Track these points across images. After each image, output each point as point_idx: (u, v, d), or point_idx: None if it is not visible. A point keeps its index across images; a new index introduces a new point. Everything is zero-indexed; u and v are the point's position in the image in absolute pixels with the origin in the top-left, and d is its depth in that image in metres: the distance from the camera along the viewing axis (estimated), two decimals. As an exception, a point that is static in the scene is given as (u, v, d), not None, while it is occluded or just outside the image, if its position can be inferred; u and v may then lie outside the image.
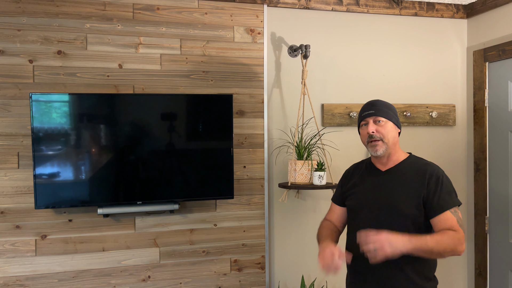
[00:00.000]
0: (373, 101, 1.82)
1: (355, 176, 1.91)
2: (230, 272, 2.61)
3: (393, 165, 1.81)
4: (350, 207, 1.88)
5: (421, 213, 1.70)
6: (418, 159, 1.82)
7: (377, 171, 1.83)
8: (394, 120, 1.78)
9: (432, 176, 1.71)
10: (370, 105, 1.80)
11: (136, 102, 2.34)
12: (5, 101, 2.29)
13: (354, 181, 1.89)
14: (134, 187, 2.34)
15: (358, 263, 1.75)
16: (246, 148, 2.62)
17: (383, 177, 1.80)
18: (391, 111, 1.79)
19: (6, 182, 2.30)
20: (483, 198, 2.88)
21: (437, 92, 2.97)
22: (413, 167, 1.77)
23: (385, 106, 1.79)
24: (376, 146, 1.75)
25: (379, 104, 1.79)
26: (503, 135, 2.74)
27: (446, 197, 1.68)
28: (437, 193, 1.68)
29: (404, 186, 1.74)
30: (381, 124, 1.75)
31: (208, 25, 2.55)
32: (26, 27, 2.31)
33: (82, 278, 2.40)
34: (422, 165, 1.76)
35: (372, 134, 1.74)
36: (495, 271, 2.82)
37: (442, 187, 1.70)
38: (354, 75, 2.82)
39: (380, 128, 1.75)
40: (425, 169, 1.73)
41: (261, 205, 2.64)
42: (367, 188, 1.83)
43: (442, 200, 1.68)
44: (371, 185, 1.82)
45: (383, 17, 2.86)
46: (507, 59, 2.69)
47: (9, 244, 2.31)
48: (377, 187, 1.80)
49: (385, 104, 1.80)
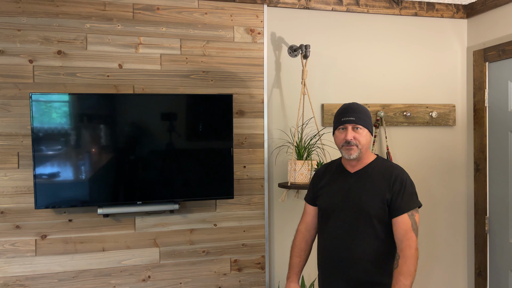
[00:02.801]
0: (353, 107, 1.87)
1: (326, 177, 1.99)
2: (230, 272, 2.61)
3: (361, 167, 1.90)
4: (320, 208, 1.98)
5: (385, 213, 1.81)
6: (384, 161, 1.92)
7: (346, 172, 1.92)
8: (369, 127, 1.87)
9: (397, 179, 1.82)
10: (351, 111, 1.86)
11: (136, 102, 2.34)
12: (5, 101, 2.29)
13: (325, 181, 1.98)
14: (134, 187, 2.34)
15: (327, 262, 1.92)
16: (246, 148, 2.62)
17: (352, 179, 1.89)
18: (368, 118, 1.87)
19: (6, 182, 2.30)
20: (483, 198, 2.88)
21: (437, 92, 2.97)
22: (379, 169, 1.87)
23: (364, 113, 1.86)
24: (350, 150, 1.84)
25: (358, 111, 1.86)
26: (503, 135, 2.74)
27: (406, 199, 1.79)
28: (400, 196, 1.79)
29: (371, 188, 1.84)
30: (359, 132, 1.84)
31: (208, 25, 2.55)
32: (26, 27, 2.31)
33: (82, 278, 2.40)
34: (388, 167, 1.87)
35: (350, 140, 1.83)
36: (495, 271, 2.82)
37: (405, 190, 1.80)
38: (354, 75, 2.82)
39: (358, 135, 1.84)
40: (390, 172, 1.84)
41: (261, 205, 2.65)
42: (336, 189, 1.92)
43: (403, 202, 1.79)
44: (340, 187, 1.91)
45: (383, 17, 2.86)
46: (507, 59, 2.69)
47: (9, 244, 2.31)
48: (345, 189, 1.89)
49: (363, 111, 1.87)
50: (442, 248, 3.01)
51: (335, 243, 1.89)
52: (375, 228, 1.82)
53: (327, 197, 1.94)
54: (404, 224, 1.77)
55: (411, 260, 1.73)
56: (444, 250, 3.01)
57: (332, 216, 1.91)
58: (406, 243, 1.75)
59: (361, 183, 1.87)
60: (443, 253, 3.01)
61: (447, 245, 3.01)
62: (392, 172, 1.84)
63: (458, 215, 3.04)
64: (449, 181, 3.01)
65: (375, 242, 1.82)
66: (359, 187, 1.87)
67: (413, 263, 1.73)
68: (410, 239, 1.75)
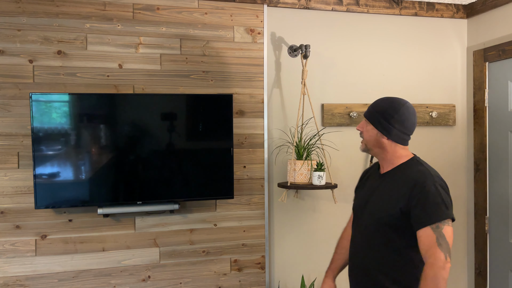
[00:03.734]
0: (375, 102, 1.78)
1: (365, 177, 1.93)
2: (230, 272, 2.61)
3: (390, 168, 1.75)
4: (352, 209, 1.91)
5: (401, 222, 1.63)
6: (415, 164, 1.71)
7: (378, 174, 1.81)
8: (376, 124, 1.72)
9: (416, 186, 1.60)
10: (371, 105, 1.78)
11: (136, 102, 2.34)
12: (5, 101, 2.29)
13: (363, 181, 1.93)
14: (134, 187, 2.34)
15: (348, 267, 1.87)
16: (246, 148, 2.62)
17: (380, 181, 1.77)
18: (379, 114, 1.71)
19: (6, 182, 2.30)
20: (483, 198, 2.88)
21: (437, 92, 2.97)
22: (405, 172, 1.68)
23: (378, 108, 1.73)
24: (361, 143, 1.82)
25: (374, 105, 1.75)
26: (503, 135, 2.74)
27: (429, 210, 1.55)
28: (419, 205, 1.57)
29: (389, 193, 1.69)
30: (366, 127, 1.76)
31: (208, 25, 2.55)
32: (26, 27, 2.31)
33: (82, 278, 2.40)
34: (415, 172, 1.66)
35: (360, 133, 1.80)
36: (495, 271, 2.82)
37: (426, 199, 1.56)
38: (354, 75, 2.82)
39: (363, 130, 1.77)
40: (413, 177, 1.63)
41: (261, 205, 2.65)
42: (365, 191, 1.84)
43: (423, 213, 1.56)
44: (368, 189, 1.82)
45: (383, 17, 2.86)
46: (507, 59, 2.69)
47: (9, 244, 2.31)
48: (371, 192, 1.79)
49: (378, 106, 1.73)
50: (442, 248, 3.01)
51: (353, 249, 1.82)
52: (389, 238, 1.65)
53: (355, 199, 1.89)
54: (426, 239, 1.54)
55: (432, 281, 1.49)
56: (444, 250, 3.00)
57: (355, 220, 1.84)
58: (428, 261, 1.52)
59: (386, 186, 1.72)
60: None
61: (447, 245, 3.01)
62: (414, 177, 1.63)
63: (458, 215, 3.03)
64: (449, 181, 2.97)
65: (390, 253, 1.66)
66: (381, 191, 1.73)
67: (433, 284, 1.48)
68: (432, 256, 1.51)
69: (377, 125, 1.71)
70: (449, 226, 1.55)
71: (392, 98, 1.73)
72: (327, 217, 2.80)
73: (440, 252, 1.51)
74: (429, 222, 1.54)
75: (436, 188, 1.58)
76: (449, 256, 1.52)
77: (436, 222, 1.54)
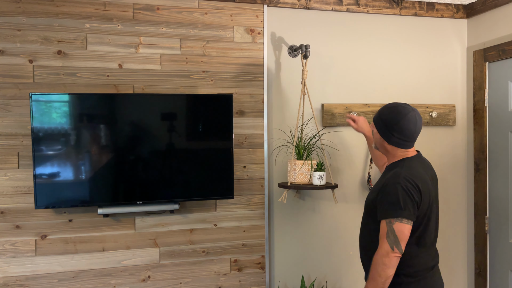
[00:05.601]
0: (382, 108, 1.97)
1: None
2: (230, 272, 2.61)
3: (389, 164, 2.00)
4: None
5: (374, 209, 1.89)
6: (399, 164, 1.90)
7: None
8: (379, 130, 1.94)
9: (384, 184, 1.85)
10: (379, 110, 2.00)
11: (136, 102, 2.34)
12: (5, 101, 2.29)
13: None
14: (134, 187, 2.34)
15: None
16: (246, 148, 2.62)
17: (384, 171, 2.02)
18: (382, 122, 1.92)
19: (6, 182, 2.30)
20: (483, 198, 2.88)
21: (437, 92, 2.97)
22: (391, 169, 1.91)
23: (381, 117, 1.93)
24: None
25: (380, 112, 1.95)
26: (503, 135, 2.74)
27: (386, 207, 1.80)
28: (380, 201, 1.83)
29: (377, 184, 1.96)
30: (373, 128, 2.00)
31: (208, 25, 2.55)
32: (26, 27, 2.31)
33: (82, 278, 2.40)
34: (392, 172, 1.87)
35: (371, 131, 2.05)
36: (495, 271, 2.82)
37: (384, 197, 1.82)
38: (354, 75, 2.82)
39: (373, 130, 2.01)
40: (388, 176, 1.86)
41: (261, 205, 2.65)
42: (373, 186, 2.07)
43: (381, 208, 1.82)
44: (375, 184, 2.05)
45: (383, 17, 2.86)
46: (507, 59, 2.69)
47: (9, 244, 2.31)
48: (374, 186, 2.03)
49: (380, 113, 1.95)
50: (442, 248, 3.00)
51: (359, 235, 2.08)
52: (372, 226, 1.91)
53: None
54: (381, 230, 1.82)
55: (374, 266, 1.80)
56: (444, 250, 3.00)
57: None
58: (377, 248, 1.81)
59: (380, 179, 1.98)
60: (443, 252, 3.00)
61: (447, 245, 3.01)
62: (388, 177, 1.87)
63: (458, 215, 3.03)
64: (449, 181, 3.01)
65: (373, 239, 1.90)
66: (377, 181, 2.00)
67: (375, 269, 1.79)
68: (380, 246, 1.80)
69: (379, 131, 1.94)
70: (401, 223, 1.77)
71: (396, 108, 1.90)
72: (327, 217, 2.80)
73: (386, 243, 1.77)
74: (384, 217, 1.80)
75: (395, 189, 1.79)
76: (398, 248, 1.76)
77: (389, 218, 1.79)
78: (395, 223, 1.77)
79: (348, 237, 2.80)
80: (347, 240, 2.81)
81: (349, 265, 2.82)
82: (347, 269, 2.83)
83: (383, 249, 1.78)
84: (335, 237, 2.82)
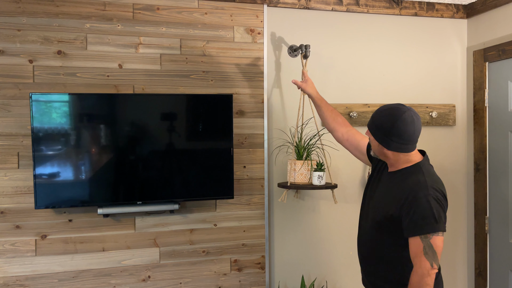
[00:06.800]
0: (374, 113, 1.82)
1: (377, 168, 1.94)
2: (230, 272, 2.61)
3: (395, 170, 1.80)
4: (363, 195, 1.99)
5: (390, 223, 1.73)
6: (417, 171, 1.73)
7: (386, 170, 1.86)
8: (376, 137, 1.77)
9: (409, 195, 1.66)
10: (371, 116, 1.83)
11: (136, 102, 2.34)
12: (5, 101, 2.29)
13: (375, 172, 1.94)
14: (134, 187, 2.34)
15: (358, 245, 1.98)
16: (246, 148, 2.62)
17: (386, 177, 1.84)
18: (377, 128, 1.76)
19: (6, 182, 2.30)
20: (483, 198, 2.88)
21: (437, 92, 2.97)
22: (405, 179, 1.73)
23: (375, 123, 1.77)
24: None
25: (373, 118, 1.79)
26: (503, 135, 2.74)
27: (419, 222, 1.63)
28: (409, 216, 1.65)
29: (388, 195, 1.76)
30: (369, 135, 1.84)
31: (208, 25, 2.55)
32: (26, 27, 2.31)
33: (82, 278, 2.40)
34: (413, 180, 1.70)
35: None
36: (495, 271, 2.82)
37: (415, 211, 1.64)
38: (354, 75, 2.82)
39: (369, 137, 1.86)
40: (410, 186, 1.68)
41: (261, 205, 2.64)
42: (374, 184, 1.90)
43: (412, 223, 1.64)
44: (377, 183, 1.88)
45: (383, 17, 2.86)
46: (507, 59, 2.69)
47: (9, 244, 2.31)
48: (378, 186, 1.87)
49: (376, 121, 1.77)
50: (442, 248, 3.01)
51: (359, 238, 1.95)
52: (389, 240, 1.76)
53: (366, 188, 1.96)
54: (414, 247, 1.64)
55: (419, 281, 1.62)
56: (444, 250, 3.00)
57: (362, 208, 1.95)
58: (414, 268, 1.64)
59: (387, 187, 1.80)
60: (443, 253, 3.01)
61: (447, 245, 3.01)
62: (411, 186, 1.68)
63: (458, 215, 3.04)
64: (449, 181, 3.01)
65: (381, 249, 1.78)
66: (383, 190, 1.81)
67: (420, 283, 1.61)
68: (418, 264, 1.62)
69: (376, 138, 1.77)
70: (438, 236, 1.62)
71: (389, 110, 1.73)
72: (327, 217, 2.80)
73: (426, 261, 1.61)
74: (418, 233, 1.63)
75: (427, 201, 1.63)
76: (436, 263, 1.61)
77: (425, 233, 1.62)
78: (432, 237, 1.61)
79: (348, 237, 2.80)
80: (347, 240, 2.81)
81: (349, 265, 2.82)
82: (347, 269, 2.83)
83: (424, 268, 1.61)
84: (335, 237, 2.82)
